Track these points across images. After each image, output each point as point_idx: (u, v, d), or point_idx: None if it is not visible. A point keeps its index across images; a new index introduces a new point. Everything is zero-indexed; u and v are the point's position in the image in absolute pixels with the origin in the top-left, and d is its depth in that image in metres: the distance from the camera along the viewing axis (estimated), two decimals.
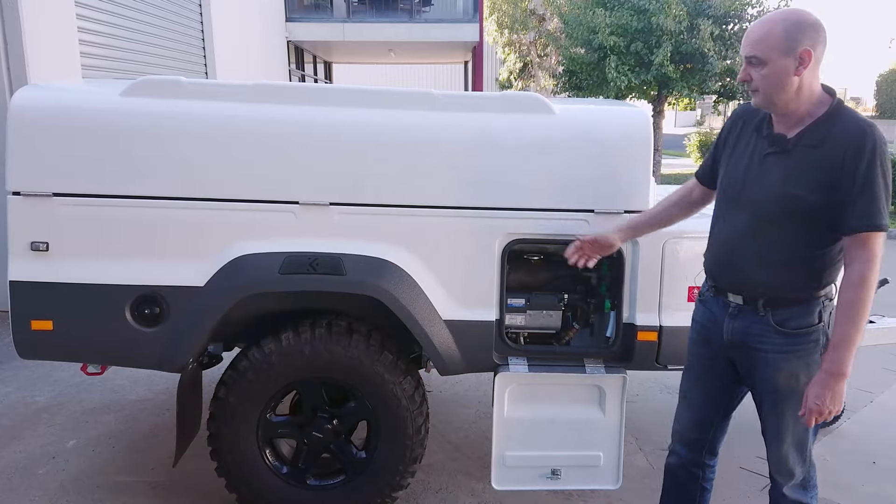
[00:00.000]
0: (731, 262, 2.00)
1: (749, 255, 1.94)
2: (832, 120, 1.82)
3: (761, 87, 1.84)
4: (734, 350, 2.04)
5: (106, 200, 2.33)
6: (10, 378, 4.10)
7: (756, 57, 1.82)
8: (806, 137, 1.84)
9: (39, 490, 2.90)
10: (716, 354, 2.11)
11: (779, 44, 1.78)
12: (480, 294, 2.49)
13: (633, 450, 3.32)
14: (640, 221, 2.36)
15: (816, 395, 1.82)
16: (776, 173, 1.88)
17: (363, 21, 14.38)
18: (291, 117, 2.38)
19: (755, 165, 1.93)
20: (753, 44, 1.82)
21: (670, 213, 2.32)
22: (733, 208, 1.99)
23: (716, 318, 2.07)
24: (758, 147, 1.95)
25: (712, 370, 2.14)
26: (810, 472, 2.08)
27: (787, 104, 1.85)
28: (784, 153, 1.87)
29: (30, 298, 2.35)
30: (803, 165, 1.83)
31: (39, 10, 5.09)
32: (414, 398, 2.52)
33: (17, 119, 2.29)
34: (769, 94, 1.84)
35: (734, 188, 1.99)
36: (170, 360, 2.40)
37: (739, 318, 2.00)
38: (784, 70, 1.80)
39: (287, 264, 2.34)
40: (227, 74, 9.23)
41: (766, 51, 1.80)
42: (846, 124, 1.79)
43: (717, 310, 2.07)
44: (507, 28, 20.75)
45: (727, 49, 11.68)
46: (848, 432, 3.59)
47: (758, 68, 1.83)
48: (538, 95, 2.52)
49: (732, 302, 2.01)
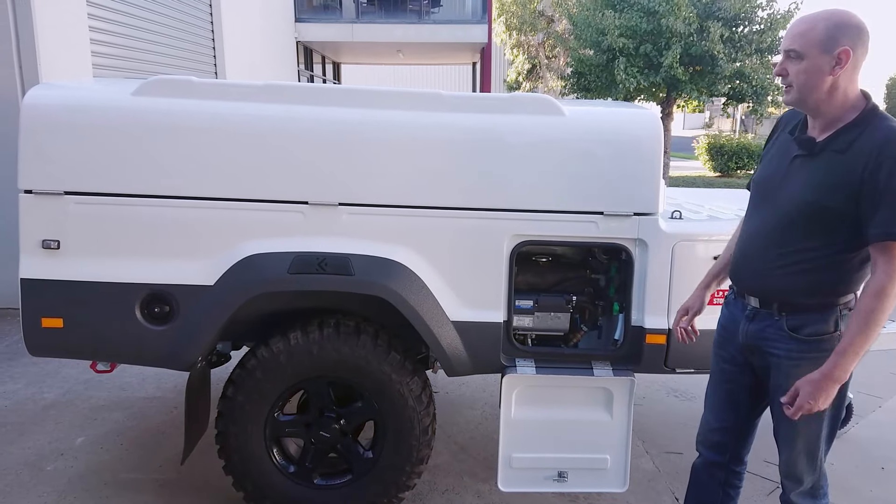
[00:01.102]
0: (749, 264, 1.99)
1: (767, 258, 1.93)
2: (861, 126, 1.79)
3: (795, 82, 1.82)
4: (751, 353, 2.04)
5: (117, 199, 2.35)
6: (19, 375, 4.12)
7: (795, 50, 1.80)
8: (834, 142, 1.82)
9: (48, 486, 2.92)
10: (734, 358, 2.10)
11: (819, 40, 1.76)
12: (488, 295, 2.49)
13: (639, 453, 3.31)
14: (718, 269, 2.23)
15: (809, 394, 1.78)
16: (801, 177, 1.86)
17: (372, 22, 14.41)
18: (301, 118, 2.39)
19: (784, 167, 1.93)
20: (794, 37, 1.80)
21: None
22: (759, 209, 1.98)
23: (735, 320, 2.07)
24: (789, 149, 1.94)
25: (732, 373, 2.13)
26: (820, 480, 2.05)
27: (818, 104, 1.83)
28: (811, 156, 1.86)
29: (41, 296, 2.37)
30: (827, 171, 1.81)
31: (51, 9, 5.12)
32: (421, 398, 2.52)
33: (29, 117, 2.30)
34: (802, 90, 1.82)
35: (762, 188, 1.99)
36: (179, 358, 2.41)
37: (755, 322, 1.99)
38: (820, 67, 1.78)
39: (296, 264, 2.35)
40: (237, 74, 9.27)
41: (805, 45, 1.78)
42: (874, 132, 1.76)
43: (737, 312, 2.06)
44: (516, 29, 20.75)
45: (737, 51, 11.64)
46: (856, 437, 3.57)
47: (795, 62, 1.81)
48: (548, 97, 2.52)
49: (750, 304, 2.01)
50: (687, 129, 37.52)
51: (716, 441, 2.21)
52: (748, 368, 2.08)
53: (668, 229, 2.50)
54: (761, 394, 2.09)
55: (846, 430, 3.60)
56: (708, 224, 2.74)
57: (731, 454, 2.21)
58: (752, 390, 2.11)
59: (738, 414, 2.16)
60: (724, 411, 2.18)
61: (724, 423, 2.18)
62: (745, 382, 2.11)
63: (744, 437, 2.20)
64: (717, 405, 2.20)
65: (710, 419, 2.22)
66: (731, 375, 2.13)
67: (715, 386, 2.20)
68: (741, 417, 2.16)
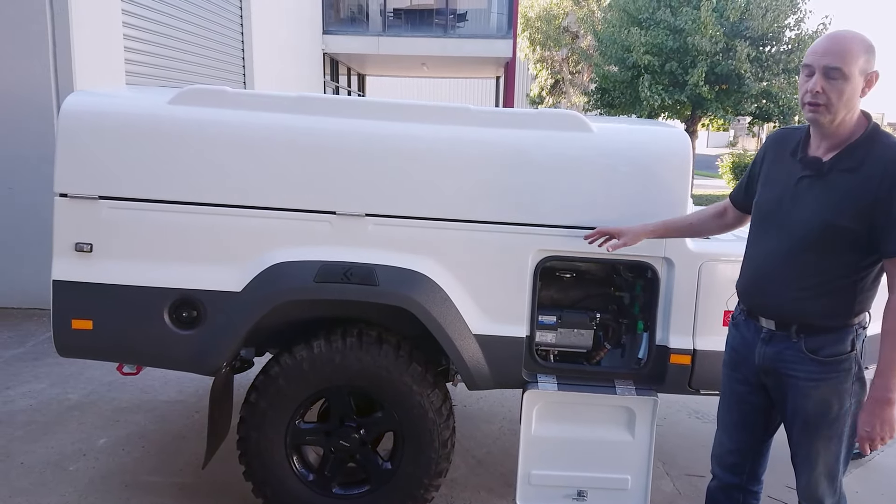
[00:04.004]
0: (764, 287, 1.98)
1: (783, 281, 1.92)
2: (868, 144, 1.80)
3: (835, 102, 1.79)
4: (766, 375, 2.02)
5: (150, 205, 2.39)
6: (44, 374, 4.19)
7: (840, 70, 1.77)
8: (841, 162, 1.82)
9: (70, 486, 2.96)
10: (748, 379, 2.09)
11: (860, 62, 1.77)
12: (511, 309, 2.49)
13: (659, 474, 3.27)
14: (673, 225, 2.33)
15: (865, 421, 1.82)
16: (811, 198, 1.86)
17: (398, 35, 14.55)
18: (331, 129, 2.42)
19: (790, 189, 1.92)
20: (838, 56, 1.76)
21: (707, 225, 2.31)
22: (767, 232, 1.97)
23: (748, 343, 2.05)
24: (792, 171, 1.93)
25: (745, 395, 2.11)
26: (840, 502, 2.04)
27: (842, 123, 1.84)
28: (818, 177, 1.86)
29: (72, 298, 2.41)
30: (839, 191, 1.81)
31: (88, 17, 5.25)
32: (441, 411, 2.52)
33: (67, 123, 2.36)
34: (837, 110, 1.80)
35: (769, 212, 1.97)
36: (204, 362, 2.44)
37: (772, 344, 1.98)
38: (856, 88, 1.79)
39: (322, 273, 2.37)
40: (265, 84, 9.40)
41: (850, 66, 1.76)
42: (883, 150, 1.78)
43: (749, 334, 2.05)
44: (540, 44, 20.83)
45: (764, 71, 11.57)
46: (881, 465, 3.50)
47: (838, 82, 1.78)
48: (576, 113, 2.53)
49: (765, 327, 1.99)
50: (711, 147, 37.29)
51: (731, 462, 2.19)
52: (762, 390, 2.07)
53: (695, 248, 2.49)
54: (774, 414, 2.10)
55: (871, 458, 3.53)
56: (734, 244, 2.70)
57: (747, 475, 2.19)
58: (766, 411, 2.10)
59: (753, 434, 2.15)
60: (739, 432, 2.16)
61: (739, 444, 2.17)
62: (759, 403, 2.10)
63: (759, 456, 2.19)
64: (731, 426, 2.18)
65: (725, 440, 2.21)
66: (744, 396, 2.12)
67: (728, 407, 2.19)
68: (756, 438, 2.15)
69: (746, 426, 2.14)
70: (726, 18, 11.38)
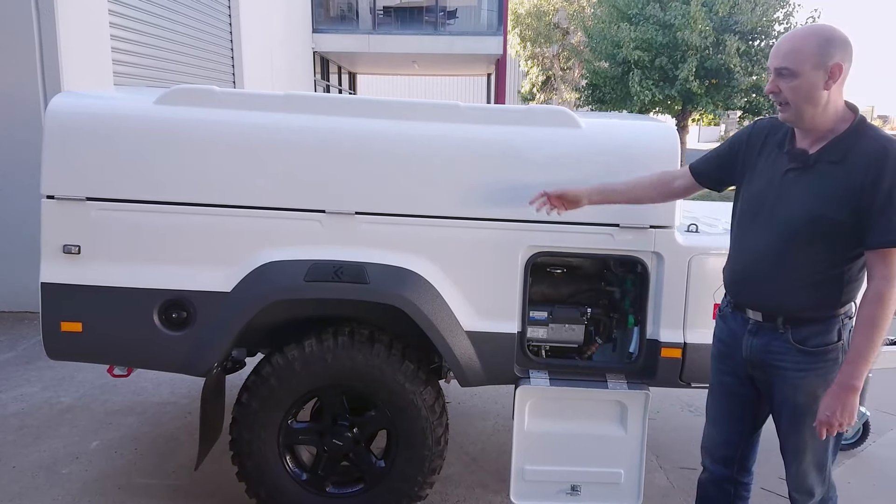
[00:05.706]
0: (751, 279, 1.99)
1: (770, 273, 1.93)
2: (854, 137, 1.82)
3: (791, 99, 1.83)
4: (754, 367, 2.04)
5: (138, 206, 2.38)
6: (35, 378, 4.17)
7: (787, 68, 1.80)
8: (827, 154, 1.84)
9: (62, 489, 2.94)
10: (735, 371, 2.10)
11: (811, 56, 1.78)
12: (503, 306, 2.49)
13: (653, 467, 3.28)
14: (611, 189, 2.31)
15: (827, 406, 1.83)
16: (798, 191, 1.87)
17: (388, 33, 14.54)
18: (320, 128, 2.41)
19: (776, 182, 1.93)
20: (785, 55, 1.81)
21: (646, 193, 2.27)
22: (754, 225, 1.98)
23: (735, 335, 2.07)
24: (779, 163, 1.94)
25: (733, 387, 2.13)
26: (829, 492, 2.07)
27: (813, 118, 1.84)
28: (805, 169, 1.87)
29: (60, 300, 2.40)
30: (825, 183, 1.82)
31: (74, 17, 5.21)
32: (434, 409, 2.52)
33: (53, 124, 2.35)
34: (798, 106, 1.83)
35: (755, 204, 1.98)
36: (195, 364, 2.43)
37: (759, 336, 1.99)
38: (814, 83, 1.79)
39: (312, 272, 2.37)
40: (255, 83, 9.37)
41: (797, 63, 1.79)
42: (868, 142, 1.80)
43: (737, 326, 2.06)
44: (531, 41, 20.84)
45: (753, 65, 11.63)
46: (873, 456, 3.52)
47: (788, 80, 1.82)
48: (565, 109, 2.53)
49: (752, 318, 2.01)
50: (702, 142, 37.37)
51: (721, 455, 2.21)
52: (750, 382, 2.08)
53: (685, 242, 2.50)
54: (762, 406, 2.11)
55: (862, 449, 3.55)
56: (724, 238, 2.72)
57: (737, 466, 2.21)
58: (754, 403, 2.12)
59: (741, 426, 2.16)
60: (728, 424, 2.18)
61: (729, 435, 2.18)
62: (747, 395, 2.11)
63: (749, 448, 2.20)
64: (720, 418, 2.20)
65: (714, 433, 2.22)
66: (732, 388, 2.13)
67: (716, 399, 2.20)
68: (745, 429, 2.17)
69: (735, 418, 2.16)
70: (715, 13, 11.41)
